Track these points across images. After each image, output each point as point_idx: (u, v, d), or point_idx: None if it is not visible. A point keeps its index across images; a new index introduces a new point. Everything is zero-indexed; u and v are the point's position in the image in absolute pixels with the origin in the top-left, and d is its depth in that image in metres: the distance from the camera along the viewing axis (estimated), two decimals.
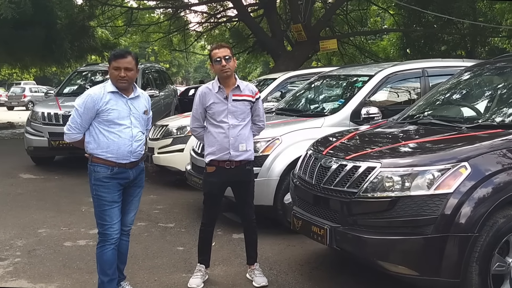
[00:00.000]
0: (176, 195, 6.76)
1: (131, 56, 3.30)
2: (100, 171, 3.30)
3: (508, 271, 2.99)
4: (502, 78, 4.30)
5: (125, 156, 3.31)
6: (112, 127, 3.28)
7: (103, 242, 3.38)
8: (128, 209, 3.51)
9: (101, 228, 3.38)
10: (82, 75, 10.79)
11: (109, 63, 3.33)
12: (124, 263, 3.65)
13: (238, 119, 3.67)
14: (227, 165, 3.68)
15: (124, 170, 3.34)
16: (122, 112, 3.30)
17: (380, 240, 3.05)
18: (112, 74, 3.28)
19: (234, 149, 3.65)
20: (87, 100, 3.26)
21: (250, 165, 3.80)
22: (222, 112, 3.66)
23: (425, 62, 6.19)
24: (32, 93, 31.97)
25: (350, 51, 19.32)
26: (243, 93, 3.69)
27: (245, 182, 3.79)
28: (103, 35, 18.82)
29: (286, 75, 8.12)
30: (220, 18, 18.77)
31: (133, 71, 3.30)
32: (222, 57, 3.61)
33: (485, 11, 16.56)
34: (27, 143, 8.62)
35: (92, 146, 3.32)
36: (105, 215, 3.34)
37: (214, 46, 3.77)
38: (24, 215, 5.74)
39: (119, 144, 3.28)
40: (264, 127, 3.95)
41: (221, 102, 3.67)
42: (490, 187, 2.94)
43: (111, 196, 3.32)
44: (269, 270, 4.07)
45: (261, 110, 3.83)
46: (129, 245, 3.65)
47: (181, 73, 55.65)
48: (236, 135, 3.65)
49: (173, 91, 12.96)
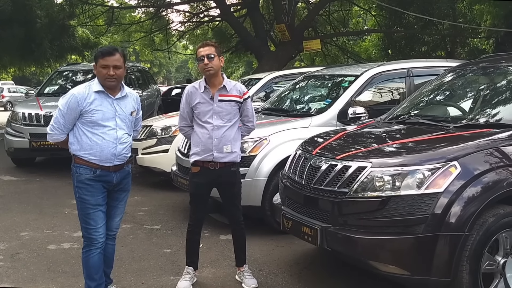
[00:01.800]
0: (161, 197, 6.68)
1: (119, 53, 3.17)
2: (83, 173, 3.18)
3: (498, 270, 3.02)
4: (487, 78, 4.36)
5: (108, 159, 3.19)
6: (96, 129, 3.16)
7: (89, 246, 3.27)
8: (113, 213, 3.40)
9: (86, 232, 3.27)
10: (63, 75, 10.59)
11: (96, 61, 3.18)
12: (110, 267, 3.57)
13: (223, 119, 3.61)
14: (211, 165, 3.63)
15: (107, 173, 3.22)
16: (107, 113, 3.17)
17: (371, 240, 3.05)
18: (100, 73, 3.15)
19: (218, 150, 3.60)
20: (71, 100, 3.13)
21: (236, 167, 3.73)
22: (207, 113, 3.61)
23: (409, 63, 6.25)
24: (10, 93, 31.36)
25: (333, 51, 19.45)
26: (230, 93, 3.63)
27: (230, 184, 3.73)
28: (84, 34, 18.54)
29: (271, 75, 8.11)
30: (202, 18, 18.69)
31: (122, 69, 3.18)
32: (205, 55, 3.55)
33: (464, 12, 16.82)
34: (7, 145, 8.44)
35: (75, 148, 3.21)
36: (89, 218, 3.22)
37: (200, 44, 3.71)
38: (6, 218, 5.60)
39: (103, 147, 3.17)
40: (253, 127, 3.89)
41: (206, 102, 3.62)
42: (479, 186, 2.96)
43: (95, 199, 3.21)
44: (259, 272, 4.04)
45: (250, 111, 3.76)
46: (115, 248, 3.58)
47: (163, 73, 55.27)
48: (220, 136, 3.59)
49: (156, 91, 12.85)
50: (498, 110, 3.77)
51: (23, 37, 12.78)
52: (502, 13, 13.87)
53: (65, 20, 14.48)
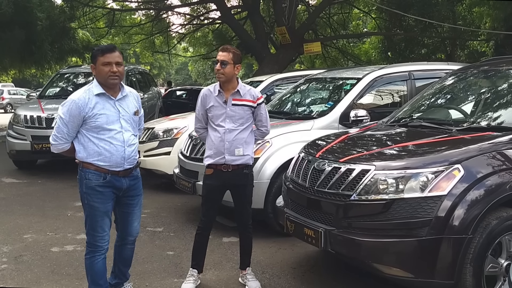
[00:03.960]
0: (163, 199, 6.69)
1: (118, 51, 3.10)
2: (92, 179, 3.10)
3: (501, 272, 3.04)
4: (488, 82, 4.39)
5: (118, 163, 3.12)
6: (102, 134, 3.06)
7: (93, 252, 3.20)
8: (131, 219, 3.35)
9: (92, 239, 3.19)
10: (64, 77, 10.62)
11: (95, 59, 3.07)
12: (128, 266, 3.57)
13: (236, 123, 3.63)
14: (224, 168, 3.66)
15: (117, 179, 3.15)
16: (111, 116, 3.08)
17: (374, 243, 3.07)
18: (101, 71, 3.04)
19: (230, 153, 3.63)
20: (72, 107, 3.02)
21: (248, 169, 3.75)
22: (220, 116, 3.64)
23: (411, 65, 6.28)
24: (10, 95, 31.41)
25: (333, 54, 19.48)
26: (243, 98, 3.64)
27: (242, 186, 3.75)
28: (84, 36, 18.59)
29: (272, 77, 8.12)
30: (203, 20, 18.71)
31: (123, 66, 3.12)
32: (220, 60, 3.58)
33: (464, 15, 16.86)
34: (9, 147, 8.44)
35: (81, 155, 3.11)
36: (97, 226, 3.15)
37: (221, 47, 3.73)
38: (8, 220, 5.61)
39: (111, 151, 3.09)
40: (267, 132, 3.88)
41: (220, 105, 3.65)
42: (482, 189, 2.99)
43: (105, 206, 3.14)
44: (262, 274, 4.06)
45: (263, 115, 3.76)
46: (134, 249, 3.57)
47: (162, 75, 55.29)
48: (231, 140, 3.62)
49: (157, 93, 12.86)
50: (500, 113, 3.79)
51: (24, 39, 12.81)
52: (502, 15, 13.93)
53: (65, 22, 14.54)
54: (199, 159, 5.33)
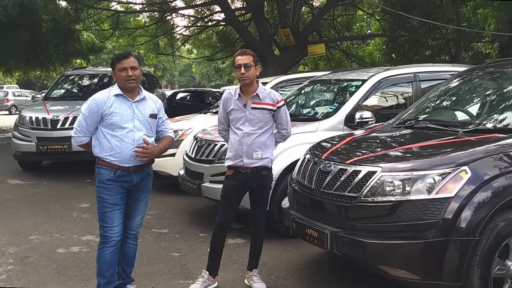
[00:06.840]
0: (168, 200, 6.70)
1: (133, 56, 3.38)
2: (104, 174, 3.34)
3: (508, 274, 3.03)
4: (494, 83, 4.38)
5: (128, 160, 3.34)
6: (116, 131, 3.32)
7: (103, 244, 3.40)
8: (134, 212, 3.52)
9: (102, 230, 3.40)
10: (69, 79, 10.64)
11: (113, 67, 3.37)
12: (131, 266, 3.65)
13: (255, 127, 3.64)
14: (242, 169, 3.69)
15: (128, 174, 3.36)
16: (126, 116, 3.33)
17: (381, 245, 3.06)
18: (119, 77, 3.33)
19: (248, 156, 3.64)
20: (92, 104, 3.33)
21: (267, 171, 3.75)
22: (240, 119, 3.67)
23: (416, 67, 6.27)
24: (15, 97, 31.52)
25: (337, 55, 19.47)
26: (263, 101, 3.65)
27: (260, 187, 3.75)
28: (89, 38, 18.64)
29: (277, 79, 8.11)
30: (207, 22, 18.74)
31: (139, 69, 3.37)
32: (242, 64, 3.59)
33: (468, 16, 16.84)
34: (15, 148, 8.46)
35: (97, 150, 3.38)
36: (105, 217, 3.36)
37: (238, 51, 3.76)
38: (14, 221, 5.63)
39: (122, 148, 3.32)
40: (288, 135, 3.87)
41: (240, 109, 3.68)
42: (490, 191, 2.97)
43: (113, 198, 3.35)
44: (267, 276, 4.06)
45: (284, 118, 3.75)
46: (137, 248, 3.65)
47: (166, 77, 55.42)
48: (250, 143, 3.63)
49: (161, 95, 12.86)
50: (506, 115, 3.77)
51: (29, 41, 12.84)
52: (506, 17, 13.91)
53: (70, 25, 14.56)
54: (204, 160, 5.34)
